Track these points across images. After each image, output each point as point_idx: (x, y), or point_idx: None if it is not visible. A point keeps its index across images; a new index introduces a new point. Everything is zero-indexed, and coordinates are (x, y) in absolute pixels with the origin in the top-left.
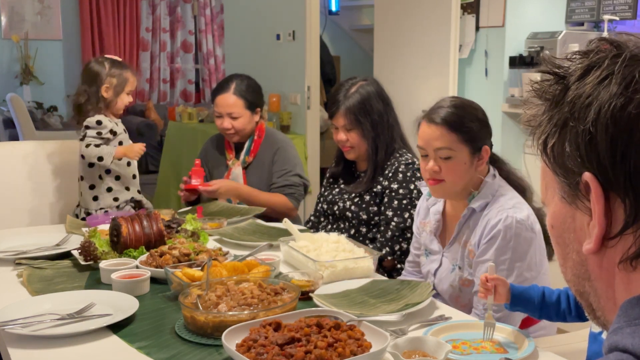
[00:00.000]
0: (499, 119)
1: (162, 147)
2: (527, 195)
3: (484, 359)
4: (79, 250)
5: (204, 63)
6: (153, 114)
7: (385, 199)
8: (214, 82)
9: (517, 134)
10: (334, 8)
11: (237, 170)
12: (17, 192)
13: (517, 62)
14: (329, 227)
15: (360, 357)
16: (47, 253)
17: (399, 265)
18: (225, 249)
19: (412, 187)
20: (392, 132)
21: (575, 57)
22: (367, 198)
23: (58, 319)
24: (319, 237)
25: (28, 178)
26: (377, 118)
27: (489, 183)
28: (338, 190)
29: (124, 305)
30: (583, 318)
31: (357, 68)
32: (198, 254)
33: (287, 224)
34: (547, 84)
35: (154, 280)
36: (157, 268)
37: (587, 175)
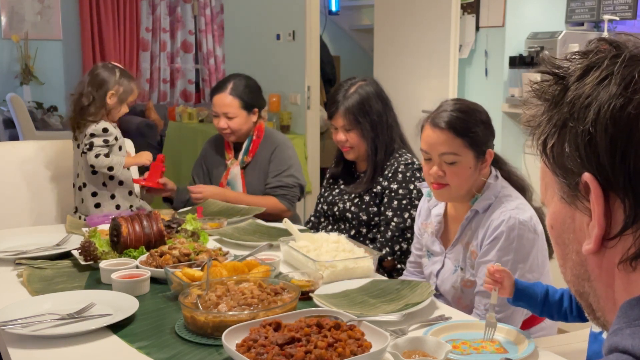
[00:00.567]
0: (499, 119)
1: (162, 147)
2: (527, 195)
3: (484, 359)
4: (79, 250)
5: (204, 63)
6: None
7: (385, 199)
8: (214, 82)
9: (517, 134)
10: (334, 8)
11: (235, 170)
12: (17, 192)
13: (517, 62)
14: (329, 227)
15: (360, 357)
16: (47, 253)
17: (399, 266)
18: (225, 249)
19: (411, 187)
20: (391, 132)
21: (575, 57)
22: (366, 198)
23: (58, 319)
24: (319, 237)
25: (28, 178)
26: (376, 118)
27: (492, 184)
28: (338, 191)
29: (124, 305)
30: (584, 318)
31: (357, 68)
32: (198, 254)
33: (287, 224)
34: (546, 85)
35: (154, 280)
36: (157, 268)
37: (586, 176)
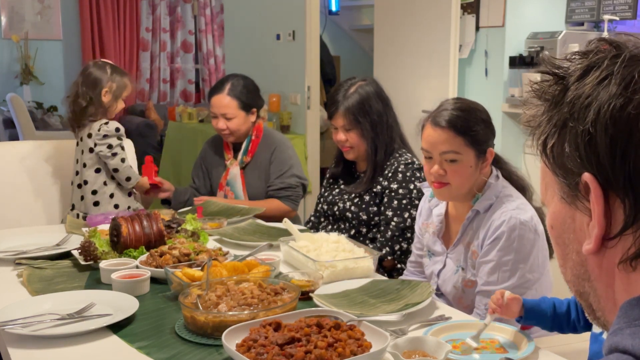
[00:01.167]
0: (499, 119)
1: (162, 147)
2: (527, 195)
3: (484, 359)
4: (79, 250)
5: (204, 63)
6: (153, 114)
7: (385, 199)
8: (214, 82)
9: (517, 134)
10: (334, 8)
11: (234, 170)
12: (17, 192)
13: (517, 62)
14: (329, 227)
15: (360, 357)
16: (47, 253)
17: (399, 265)
18: (225, 249)
19: (411, 187)
20: (391, 132)
21: (575, 57)
22: (366, 198)
23: (58, 319)
24: (319, 237)
25: (28, 178)
26: (376, 118)
27: (493, 184)
28: (338, 191)
29: (124, 305)
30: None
31: (357, 68)
32: (198, 254)
33: (287, 224)
34: (546, 85)
35: (154, 280)
36: (157, 268)
37: (586, 176)
